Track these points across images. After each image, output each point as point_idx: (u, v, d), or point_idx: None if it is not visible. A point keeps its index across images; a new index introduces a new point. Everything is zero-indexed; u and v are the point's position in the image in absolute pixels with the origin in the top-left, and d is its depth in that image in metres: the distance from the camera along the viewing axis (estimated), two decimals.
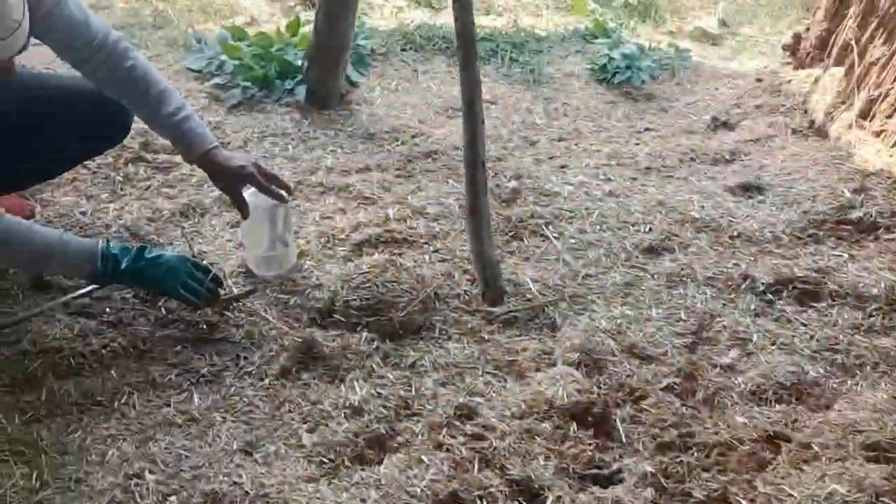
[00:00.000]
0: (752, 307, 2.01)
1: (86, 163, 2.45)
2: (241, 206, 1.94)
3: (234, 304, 1.95)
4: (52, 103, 1.95)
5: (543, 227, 2.33)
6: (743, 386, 1.76)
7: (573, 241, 2.27)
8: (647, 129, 2.97)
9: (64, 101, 1.96)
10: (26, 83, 1.88)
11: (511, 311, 1.98)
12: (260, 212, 1.97)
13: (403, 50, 3.45)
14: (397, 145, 2.77)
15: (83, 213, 2.27)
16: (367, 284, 1.96)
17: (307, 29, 3.06)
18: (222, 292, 1.93)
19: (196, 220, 2.29)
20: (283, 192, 1.95)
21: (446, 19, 3.82)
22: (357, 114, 2.93)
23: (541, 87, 3.26)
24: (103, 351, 1.81)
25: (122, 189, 2.39)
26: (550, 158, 2.74)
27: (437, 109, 3.03)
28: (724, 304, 2.02)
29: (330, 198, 2.43)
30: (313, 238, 2.21)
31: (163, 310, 1.93)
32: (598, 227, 2.34)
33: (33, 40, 1.63)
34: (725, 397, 1.73)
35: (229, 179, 1.90)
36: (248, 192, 1.95)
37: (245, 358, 1.83)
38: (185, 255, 1.92)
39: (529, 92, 3.20)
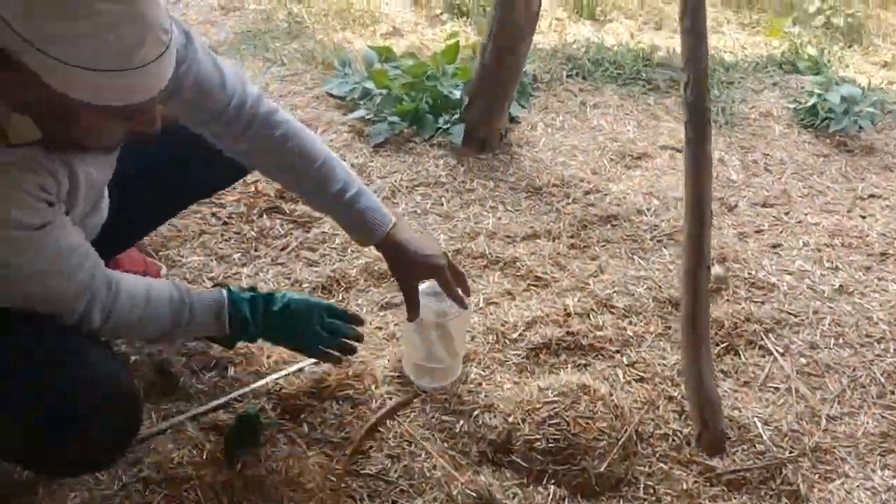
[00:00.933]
0: None
1: (216, 213, 2.15)
2: (414, 306, 1.56)
3: (386, 423, 1.60)
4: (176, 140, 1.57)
5: (763, 336, 1.87)
6: None
7: (804, 360, 1.80)
8: (871, 196, 2.44)
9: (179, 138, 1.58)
10: None
11: (738, 470, 1.55)
12: (435, 315, 1.60)
13: (569, 76, 2.99)
14: (568, 203, 2.34)
15: (212, 279, 1.97)
16: (556, 420, 1.55)
17: (462, 54, 2.67)
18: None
19: (340, 296, 1.94)
20: (465, 298, 1.57)
21: (614, 37, 3.35)
22: (519, 159, 2.52)
23: (734, 131, 2.75)
24: (235, 482, 1.49)
25: (255, 248, 2.07)
26: (757, 232, 2.25)
27: (612, 156, 2.58)
28: None
29: (494, 274, 2.04)
30: (480, 335, 1.82)
31: (305, 425, 1.60)
32: (833, 340, 1.86)
33: None
34: None
35: (414, 270, 1.53)
36: (421, 290, 1.58)
37: None
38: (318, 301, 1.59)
39: (721, 137, 2.70)
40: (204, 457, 1.51)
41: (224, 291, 1.47)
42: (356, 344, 1.59)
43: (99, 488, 1.46)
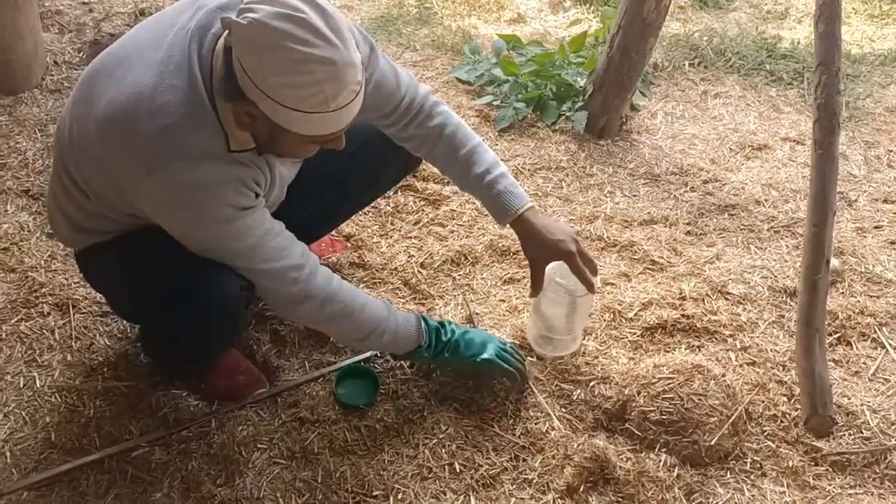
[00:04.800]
0: None
1: None
2: (537, 282, 1.71)
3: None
4: (354, 144, 1.80)
5: (877, 329, 1.92)
6: None
7: None
8: None
9: (365, 141, 1.78)
10: None
11: (844, 452, 1.63)
12: (561, 295, 1.74)
13: (691, 65, 3.04)
14: (686, 191, 2.42)
15: (355, 244, 2.17)
16: (669, 395, 1.68)
17: (597, 50, 2.76)
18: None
19: (467, 269, 2.11)
20: (593, 281, 1.70)
21: (738, 27, 3.35)
22: (638, 146, 2.61)
23: (858, 126, 2.74)
24: (377, 426, 1.70)
25: (391, 223, 2.26)
26: (876, 228, 2.28)
27: (732, 146, 2.63)
28: None
29: (611, 256, 2.16)
30: (597, 312, 1.95)
31: (437, 383, 1.79)
32: None
33: None
34: None
35: (543, 252, 1.67)
36: (549, 267, 1.73)
37: (525, 461, 1.64)
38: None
39: (844, 131, 2.69)
40: None
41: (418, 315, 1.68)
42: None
43: (262, 424, 1.69)
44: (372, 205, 2.32)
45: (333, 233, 2.14)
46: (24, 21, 2.58)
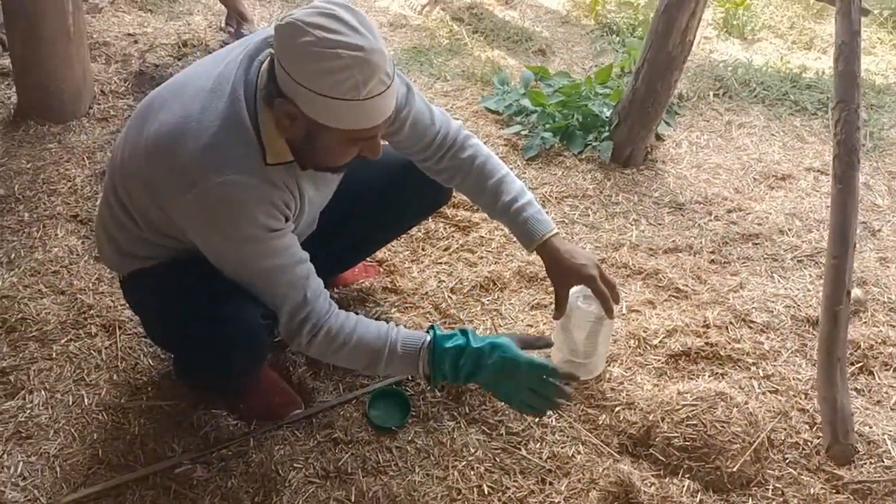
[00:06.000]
0: None
1: None
2: (561, 305, 1.77)
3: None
4: (386, 178, 1.90)
5: None
6: None
7: None
8: None
9: (396, 175, 1.88)
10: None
11: (865, 481, 1.66)
12: (583, 317, 1.80)
13: (716, 95, 3.10)
14: (710, 220, 2.47)
15: (387, 269, 2.24)
16: (693, 421, 1.72)
17: (622, 80, 2.83)
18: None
19: (496, 295, 2.18)
20: (613, 306, 1.76)
21: (763, 56, 3.40)
22: (663, 175, 2.67)
23: (882, 157, 2.78)
24: (408, 448, 1.76)
25: (422, 249, 2.34)
26: None
27: (756, 176, 2.68)
28: None
29: (636, 283, 2.21)
30: (622, 339, 2.00)
31: (467, 406, 1.85)
32: None
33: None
34: None
35: (566, 275, 1.73)
36: (573, 291, 1.79)
37: (551, 484, 1.69)
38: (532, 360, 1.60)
39: (868, 161, 2.74)
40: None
41: (428, 338, 1.58)
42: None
43: (298, 444, 1.76)
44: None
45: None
46: (76, 52, 2.71)
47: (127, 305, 1.92)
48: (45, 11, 2.58)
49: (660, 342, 1.99)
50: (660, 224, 2.46)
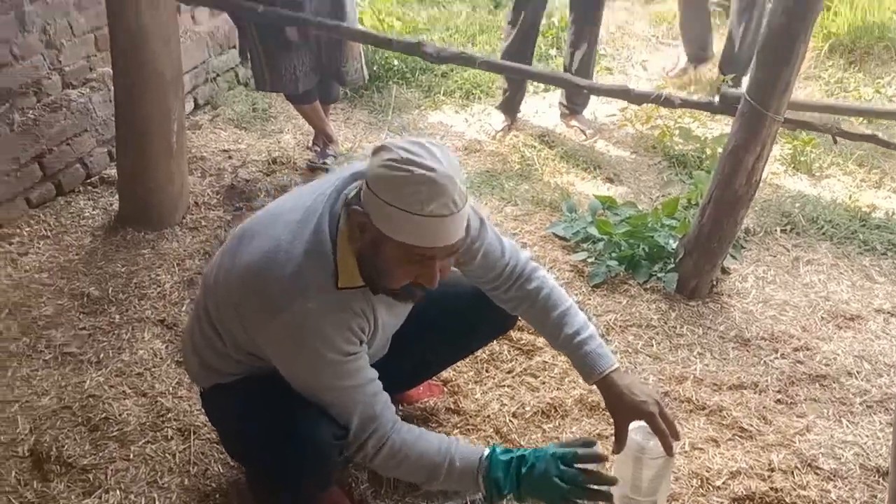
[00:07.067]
0: None
1: None
2: (620, 439, 1.78)
3: None
4: (457, 303, 1.97)
5: None
6: None
7: None
8: None
9: (467, 301, 1.96)
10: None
11: None
12: (646, 456, 1.79)
13: (783, 231, 3.13)
14: (776, 358, 2.46)
15: (451, 390, 2.29)
16: None
17: (689, 212, 2.89)
18: None
19: (557, 422, 2.20)
20: (673, 444, 1.76)
21: (830, 193, 3.44)
22: (729, 309, 2.68)
23: None
24: None
25: (486, 370, 2.39)
26: None
27: (824, 315, 2.67)
28: None
29: (700, 419, 2.20)
30: (684, 477, 1.99)
31: None
32: None
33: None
34: None
35: (625, 410, 1.75)
36: (633, 427, 1.80)
37: None
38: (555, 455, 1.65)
39: None
40: None
41: (486, 451, 1.65)
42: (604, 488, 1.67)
43: None
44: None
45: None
46: (176, 168, 2.95)
47: (203, 411, 2.02)
48: (153, 131, 2.84)
49: (723, 483, 1.96)
50: (725, 359, 2.46)
